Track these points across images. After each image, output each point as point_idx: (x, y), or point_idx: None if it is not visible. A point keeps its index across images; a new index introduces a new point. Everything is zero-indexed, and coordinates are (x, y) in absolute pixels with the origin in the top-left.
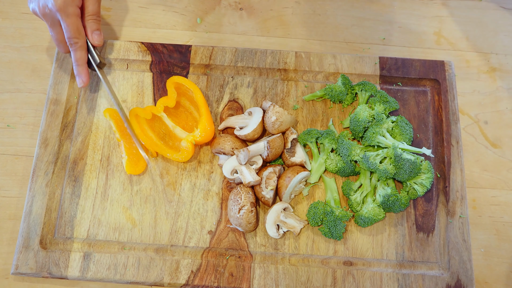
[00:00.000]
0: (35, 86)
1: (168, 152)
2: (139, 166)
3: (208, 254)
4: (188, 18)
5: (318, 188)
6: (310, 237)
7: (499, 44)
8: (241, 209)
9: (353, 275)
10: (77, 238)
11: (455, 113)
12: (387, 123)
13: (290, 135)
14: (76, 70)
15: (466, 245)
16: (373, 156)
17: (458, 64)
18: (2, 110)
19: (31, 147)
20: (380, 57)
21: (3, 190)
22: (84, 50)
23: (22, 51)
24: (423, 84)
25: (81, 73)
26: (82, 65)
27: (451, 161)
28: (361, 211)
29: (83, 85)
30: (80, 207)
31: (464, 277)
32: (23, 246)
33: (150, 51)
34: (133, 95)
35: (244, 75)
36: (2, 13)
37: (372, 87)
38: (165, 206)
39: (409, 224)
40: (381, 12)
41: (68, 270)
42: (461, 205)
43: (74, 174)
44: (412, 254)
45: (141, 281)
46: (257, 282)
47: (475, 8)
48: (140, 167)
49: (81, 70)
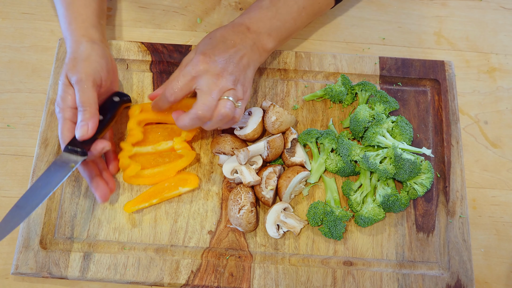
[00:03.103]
0: (35, 86)
1: (176, 169)
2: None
3: (208, 254)
4: (188, 18)
5: (318, 188)
6: (310, 237)
7: (499, 44)
8: (241, 209)
9: (353, 275)
10: (77, 238)
11: (455, 113)
12: (387, 123)
13: (290, 135)
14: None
15: (466, 245)
16: (373, 156)
17: (458, 64)
18: (2, 110)
19: (31, 147)
20: (380, 57)
21: (3, 190)
22: None
23: (22, 51)
24: (423, 84)
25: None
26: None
27: (451, 161)
28: (361, 211)
29: (103, 199)
30: (80, 207)
31: (464, 277)
32: (23, 246)
33: (150, 51)
34: (133, 95)
35: None
36: (2, 13)
37: (372, 87)
38: (165, 206)
39: (409, 224)
40: (381, 12)
41: (68, 270)
42: (461, 205)
43: (74, 174)
44: (412, 254)
45: (141, 281)
46: (257, 282)
47: (475, 8)
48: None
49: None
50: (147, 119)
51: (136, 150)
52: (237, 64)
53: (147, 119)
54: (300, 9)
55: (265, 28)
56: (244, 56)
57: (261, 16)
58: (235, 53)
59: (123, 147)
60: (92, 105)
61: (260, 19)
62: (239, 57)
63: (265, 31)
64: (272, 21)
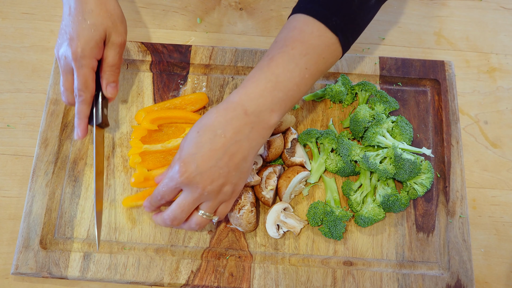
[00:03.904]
0: (35, 86)
1: None
2: None
3: (208, 254)
4: (188, 18)
5: (318, 188)
6: (310, 237)
7: (499, 44)
8: (241, 209)
9: (353, 275)
10: (77, 238)
11: (455, 113)
12: (387, 123)
13: (290, 135)
14: (76, 122)
15: (466, 245)
16: (373, 156)
17: (458, 64)
18: (2, 110)
19: (31, 147)
20: (380, 57)
21: (3, 190)
22: (87, 105)
23: (22, 51)
24: (423, 84)
25: (79, 126)
26: (82, 118)
27: (451, 161)
28: (361, 211)
29: (78, 138)
30: (80, 207)
31: (464, 277)
32: (23, 246)
33: (150, 51)
34: (133, 95)
35: (244, 75)
36: (2, 13)
37: (372, 87)
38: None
39: (409, 224)
40: (381, 12)
41: (68, 270)
42: (461, 205)
43: (74, 174)
44: (412, 254)
45: (141, 281)
46: (257, 282)
47: (475, 8)
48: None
49: (80, 124)
50: (160, 117)
51: (146, 148)
52: (225, 167)
53: (160, 117)
54: (303, 71)
55: (266, 104)
56: (237, 152)
57: (260, 90)
58: (224, 153)
59: (132, 145)
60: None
61: (260, 95)
62: (229, 157)
63: (266, 108)
64: (273, 93)
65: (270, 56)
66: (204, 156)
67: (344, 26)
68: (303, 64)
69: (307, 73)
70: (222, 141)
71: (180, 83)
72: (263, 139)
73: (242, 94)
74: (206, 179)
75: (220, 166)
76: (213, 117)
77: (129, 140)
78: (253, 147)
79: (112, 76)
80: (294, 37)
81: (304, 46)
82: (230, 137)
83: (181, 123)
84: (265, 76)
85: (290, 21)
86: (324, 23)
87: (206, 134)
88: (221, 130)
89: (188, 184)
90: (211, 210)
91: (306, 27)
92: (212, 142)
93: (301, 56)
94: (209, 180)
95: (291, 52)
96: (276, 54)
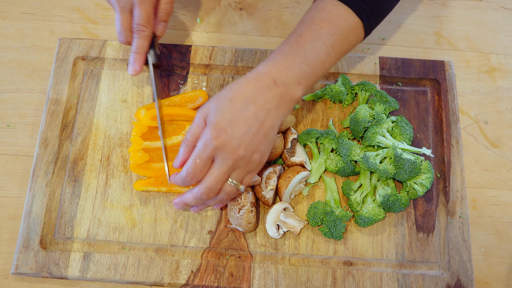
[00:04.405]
0: (35, 86)
1: None
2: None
3: (208, 254)
4: (188, 18)
5: (318, 188)
6: (310, 237)
7: (499, 44)
8: (241, 209)
9: (353, 275)
10: (77, 238)
11: (455, 113)
12: (387, 123)
13: (290, 135)
14: (133, 58)
15: (466, 245)
16: (373, 156)
17: (458, 64)
18: (2, 110)
19: (31, 147)
20: (380, 57)
21: (3, 190)
22: (147, 40)
23: (22, 51)
24: (423, 84)
25: (137, 61)
26: (142, 53)
27: (451, 161)
28: (361, 211)
29: (134, 73)
30: (80, 207)
31: (464, 277)
32: (23, 246)
33: None
34: (133, 95)
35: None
36: (2, 13)
37: (372, 87)
38: (165, 206)
39: (409, 224)
40: None
41: (68, 270)
42: (461, 205)
43: (74, 174)
44: (412, 254)
45: (141, 281)
46: (257, 282)
47: (475, 8)
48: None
49: (138, 58)
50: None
51: (146, 144)
52: (256, 134)
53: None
54: (329, 49)
55: (294, 76)
56: (266, 120)
57: (289, 63)
58: (256, 121)
59: (133, 141)
60: None
61: (288, 67)
62: (260, 124)
63: (293, 80)
64: (301, 67)
65: (298, 32)
66: (238, 122)
67: (369, 12)
68: (330, 43)
69: (332, 52)
70: (254, 109)
71: (180, 83)
72: (288, 111)
73: (270, 66)
74: (240, 144)
75: (253, 132)
76: (244, 85)
77: (129, 139)
78: (279, 117)
79: (165, 15)
80: (323, 17)
81: (332, 26)
82: (261, 105)
83: (182, 121)
84: (294, 51)
85: (317, 3)
86: (351, 7)
87: (238, 101)
88: (252, 98)
89: (223, 149)
90: (240, 178)
91: (334, 9)
92: (245, 109)
93: (328, 35)
94: (243, 146)
95: (319, 30)
96: (305, 31)
